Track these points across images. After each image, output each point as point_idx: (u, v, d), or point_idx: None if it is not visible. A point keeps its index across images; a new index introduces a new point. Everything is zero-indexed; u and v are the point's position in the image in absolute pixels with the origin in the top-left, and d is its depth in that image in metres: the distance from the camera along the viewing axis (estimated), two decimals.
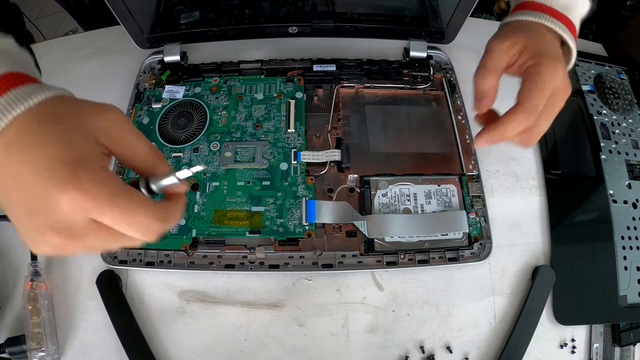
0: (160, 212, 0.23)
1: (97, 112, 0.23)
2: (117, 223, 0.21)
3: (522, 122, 0.34)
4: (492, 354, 0.40)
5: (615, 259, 0.44)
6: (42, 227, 0.21)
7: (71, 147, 0.21)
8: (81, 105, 0.23)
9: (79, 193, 0.20)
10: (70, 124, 0.22)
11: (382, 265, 0.42)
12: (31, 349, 0.38)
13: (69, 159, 0.20)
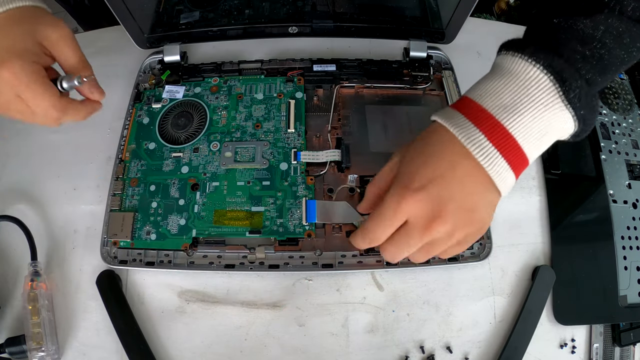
0: (62, 103, 0.31)
1: (49, 24, 0.31)
2: (29, 102, 0.30)
3: (360, 243, 0.31)
4: (492, 354, 0.40)
5: (615, 259, 0.44)
6: None
7: (17, 42, 0.29)
8: (41, 16, 0.31)
9: (9, 74, 0.29)
10: (25, 26, 0.30)
11: (382, 265, 0.42)
12: (31, 349, 0.38)
13: (12, 49, 0.29)
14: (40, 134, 0.50)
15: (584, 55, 0.26)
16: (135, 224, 0.42)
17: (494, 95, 0.27)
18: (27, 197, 0.46)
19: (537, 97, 0.26)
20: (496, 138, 0.26)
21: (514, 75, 0.26)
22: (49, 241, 0.44)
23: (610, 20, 0.25)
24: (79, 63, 0.33)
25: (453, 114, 0.28)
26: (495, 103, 0.26)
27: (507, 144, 0.26)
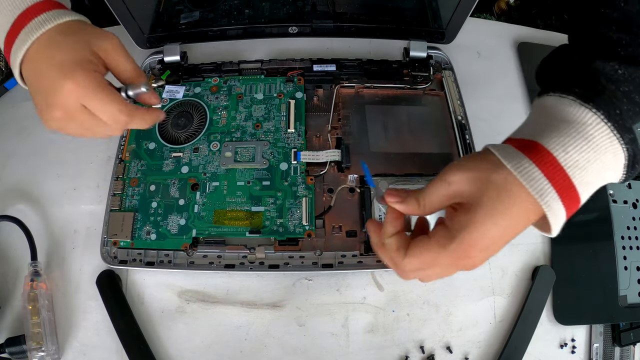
0: (129, 108, 0.31)
1: (100, 35, 0.32)
2: (96, 109, 0.30)
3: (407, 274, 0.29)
4: (492, 354, 0.40)
5: (615, 259, 0.44)
6: (51, 103, 0.30)
7: (76, 54, 0.30)
8: (90, 28, 0.32)
9: (74, 84, 0.29)
10: (79, 39, 0.31)
11: (382, 265, 0.42)
12: (31, 349, 0.38)
13: (72, 60, 0.29)
14: (40, 134, 0.50)
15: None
16: (135, 224, 0.42)
17: (569, 152, 0.25)
18: (27, 197, 0.46)
19: (606, 159, 0.26)
20: (567, 200, 0.26)
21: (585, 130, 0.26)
22: (49, 241, 0.44)
23: None
24: (134, 71, 0.33)
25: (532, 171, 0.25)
26: (569, 160, 0.25)
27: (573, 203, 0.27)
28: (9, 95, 0.52)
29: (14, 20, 0.30)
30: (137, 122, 0.32)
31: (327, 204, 0.44)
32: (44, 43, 0.30)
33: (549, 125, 0.26)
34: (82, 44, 0.31)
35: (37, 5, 0.31)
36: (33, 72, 0.31)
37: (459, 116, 0.49)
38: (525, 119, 0.30)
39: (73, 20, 0.32)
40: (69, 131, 0.32)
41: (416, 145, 0.48)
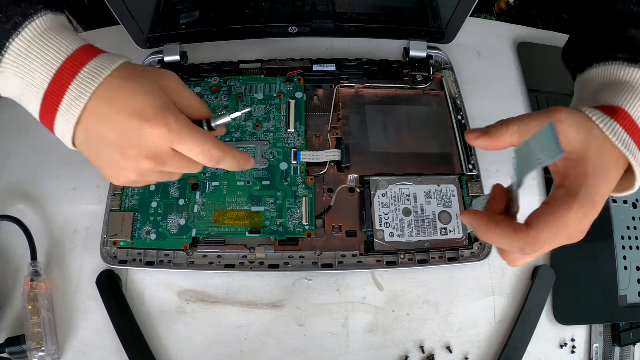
0: (221, 145, 0.30)
1: (163, 74, 0.30)
2: (191, 149, 0.28)
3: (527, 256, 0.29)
4: (492, 354, 0.40)
5: (615, 259, 0.44)
6: (137, 156, 0.28)
7: (155, 97, 0.28)
8: (149, 68, 0.30)
9: (166, 129, 0.27)
10: (148, 81, 0.29)
11: (382, 265, 0.42)
12: (31, 349, 0.38)
13: (155, 105, 0.28)
14: (40, 134, 0.50)
15: None
16: (135, 224, 0.42)
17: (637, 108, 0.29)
18: (27, 197, 0.46)
19: None
20: None
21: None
22: (49, 241, 0.44)
23: None
24: (202, 104, 0.32)
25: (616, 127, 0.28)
26: None
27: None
28: None
29: (53, 76, 0.27)
30: (229, 160, 0.30)
31: (327, 204, 0.44)
32: (106, 93, 0.27)
33: (610, 89, 0.30)
34: (154, 87, 0.29)
35: (79, 54, 0.28)
36: (98, 127, 0.28)
37: (459, 116, 0.49)
38: (577, 95, 0.34)
39: (126, 62, 0.29)
40: (150, 180, 0.30)
41: (416, 145, 0.48)
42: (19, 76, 0.28)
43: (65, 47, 0.28)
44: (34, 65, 0.27)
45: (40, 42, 0.28)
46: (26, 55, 0.27)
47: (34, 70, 0.27)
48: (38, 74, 0.27)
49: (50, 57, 0.27)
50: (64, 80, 0.27)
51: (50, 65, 0.27)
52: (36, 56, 0.27)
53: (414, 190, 0.44)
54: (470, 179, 0.45)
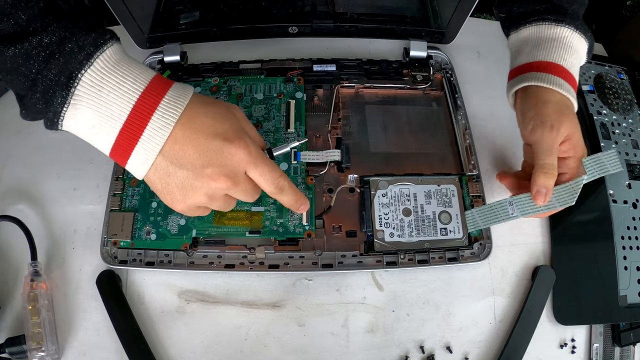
0: (285, 175, 0.32)
1: (232, 105, 0.32)
2: (263, 174, 0.30)
3: None
4: (492, 354, 0.40)
5: (615, 259, 0.44)
6: (214, 174, 0.29)
7: (234, 122, 0.30)
8: (219, 101, 0.32)
9: (246, 151, 0.29)
10: (222, 108, 0.30)
11: (382, 265, 0.42)
12: (31, 349, 0.38)
13: (235, 129, 0.29)
14: (40, 134, 0.50)
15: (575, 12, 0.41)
16: (135, 224, 0.42)
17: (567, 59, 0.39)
18: (27, 197, 0.46)
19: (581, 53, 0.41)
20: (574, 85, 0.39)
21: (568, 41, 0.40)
22: (49, 241, 0.44)
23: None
24: (260, 136, 0.34)
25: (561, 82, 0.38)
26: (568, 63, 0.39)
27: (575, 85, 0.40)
28: (9, 95, 0.52)
29: (133, 107, 0.27)
30: (290, 193, 0.32)
31: (327, 204, 0.44)
32: (186, 119, 0.28)
33: (544, 46, 0.39)
34: (229, 113, 0.30)
35: (155, 84, 0.29)
36: (177, 151, 0.28)
37: (459, 116, 0.49)
38: (516, 53, 0.42)
39: (195, 91, 0.30)
40: (215, 204, 0.31)
41: (416, 145, 0.48)
42: (92, 108, 0.27)
43: (141, 78, 0.28)
44: (111, 97, 0.27)
45: (114, 73, 0.27)
46: (100, 86, 0.27)
47: (110, 102, 0.27)
48: (115, 105, 0.27)
49: (126, 88, 0.27)
50: (144, 111, 0.28)
51: (129, 97, 0.27)
52: (112, 87, 0.27)
53: (413, 190, 0.44)
54: (470, 179, 0.45)
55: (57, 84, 0.26)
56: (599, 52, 0.59)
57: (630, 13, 0.69)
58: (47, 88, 0.27)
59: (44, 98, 0.27)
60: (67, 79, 0.26)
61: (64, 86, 0.26)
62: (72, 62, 0.26)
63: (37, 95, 0.27)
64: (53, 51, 0.26)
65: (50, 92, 0.27)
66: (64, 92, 0.27)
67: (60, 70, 0.26)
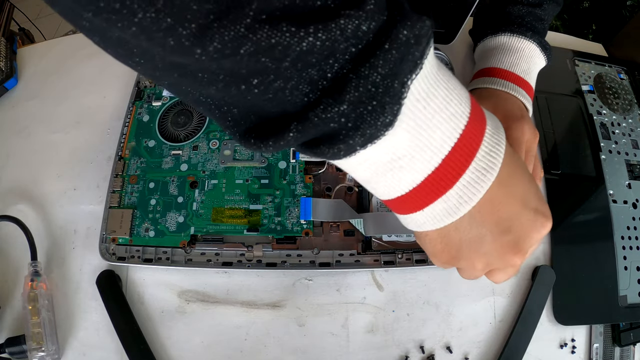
0: None
1: None
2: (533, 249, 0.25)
3: None
4: (492, 354, 0.40)
5: (615, 259, 0.43)
6: (510, 245, 0.23)
7: (538, 188, 0.24)
8: None
9: (549, 228, 0.24)
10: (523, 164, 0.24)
11: (380, 264, 0.42)
12: (31, 349, 0.38)
13: (542, 200, 0.24)
14: (40, 134, 0.50)
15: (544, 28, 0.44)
16: (134, 220, 0.42)
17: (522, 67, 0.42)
18: (27, 197, 0.46)
19: (539, 62, 0.44)
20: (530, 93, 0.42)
21: (524, 50, 0.43)
22: (49, 241, 0.44)
23: (550, 6, 0.44)
24: None
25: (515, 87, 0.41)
26: (525, 72, 0.42)
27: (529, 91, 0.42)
28: (9, 95, 0.52)
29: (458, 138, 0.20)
30: None
31: None
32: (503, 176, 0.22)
33: (503, 55, 0.43)
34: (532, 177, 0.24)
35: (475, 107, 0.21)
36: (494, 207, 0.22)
37: None
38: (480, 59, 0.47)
39: None
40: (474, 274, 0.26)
41: None
42: (410, 133, 0.19)
43: (464, 96, 0.20)
44: (436, 120, 0.19)
45: (441, 85, 0.19)
46: (425, 103, 0.19)
47: (434, 127, 0.19)
48: (439, 133, 0.19)
49: (453, 110, 0.20)
50: (470, 145, 0.20)
51: (455, 123, 0.20)
52: (438, 106, 0.19)
53: None
54: None
55: (387, 92, 0.17)
56: (599, 52, 0.59)
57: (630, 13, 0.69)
58: (365, 97, 0.17)
59: (352, 113, 0.17)
60: (401, 86, 0.18)
61: (396, 96, 0.18)
62: (407, 60, 0.17)
63: (337, 109, 0.17)
64: (379, 41, 0.17)
65: (368, 103, 0.17)
66: (396, 105, 0.18)
67: (392, 71, 0.17)
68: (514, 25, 0.43)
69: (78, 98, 0.52)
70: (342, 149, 0.18)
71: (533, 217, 0.23)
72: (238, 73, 0.16)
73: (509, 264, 0.24)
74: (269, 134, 0.18)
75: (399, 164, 0.20)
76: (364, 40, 0.17)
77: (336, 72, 0.17)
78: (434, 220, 0.22)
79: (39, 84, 0.53)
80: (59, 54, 0.57)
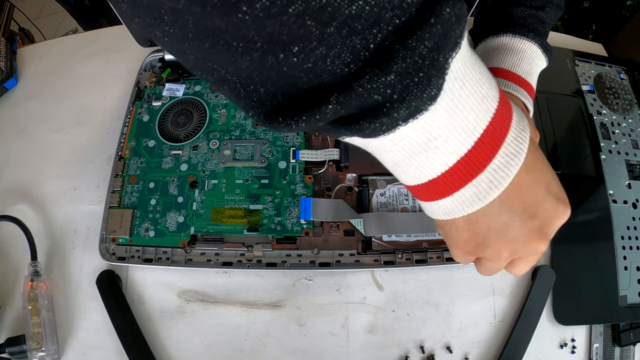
0: None
1: None
2: None
3: None
4: (492, 354, 0.40)
5: (615, 259, 0.43)
6: (540, 232, 0.24)
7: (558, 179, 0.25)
8: None
9: (569, 215, 0.25)
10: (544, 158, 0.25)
11: (380, 264, 0.42)
12: (31, 349, 0.38)
13: (562, 188, 0.25)
14: (40, 134, 0.50)
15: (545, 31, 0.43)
16: (134, 220, 0.42)
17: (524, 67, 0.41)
18: (27, 197, 0.46)
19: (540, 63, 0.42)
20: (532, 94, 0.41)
21: (525, 51, 0.41)
22: (49, 241, 0.44)
23: (552, 10, 0.42)
24: None
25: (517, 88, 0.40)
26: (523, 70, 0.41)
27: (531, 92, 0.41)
28: (9, 95, 0.52)
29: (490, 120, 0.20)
30: None
31: None
32: (528, 162, 0.22)
33: (505, 55, 0.41)
34: None
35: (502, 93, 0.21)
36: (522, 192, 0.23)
37: None
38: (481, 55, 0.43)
39: None
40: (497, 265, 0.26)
41: None
42: (448, 113, 0.19)
43: (494, 82, 0.21)
44: (470, 101, 0.19)
45: (475, 66, 0.19)
46: (462, 83, 0.19)
47: (468, 108, 0.19)
48: (473, 114, 0.19)
49: (485, 93, 0.20)
50: (500, 128, 0.21)
51: (487, 105, 0.20)
52: (473, 87, 0.19)
53: None
54: None
55: (433, 64, 0.17)
56: (599, 52, 0.59)
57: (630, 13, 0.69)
58: (412, 68, 0.17)
59: (398, 84, 0.17)
60: (444, 61, 0.17)
61: (441, 70, 0.17)
62: (449, 37, 0.17)
63: (384, 79, 0.17)
64: (423, 15, 0.16)
65: (415, 75, 0.17)
66: (440, 79, 0.18)
67: (437, 45, 0.17)
68: (516, 27, 0.42)
69: (78, 98, 0.52)
70: (385, 123, 0.18)
71: (555, 204, 0.24)
72: (278, 39, 0.15)
73: (534, 251, 0.25)
74: (302, 110, 0.18)
75: (434, 145, 0.20)
76: (407, 12, 0.16)
77: (378, 43, 0.16)
78: (464, 205, 0.22)
79: (39, 84, 0.54)
80: (59, 54, 0.57)
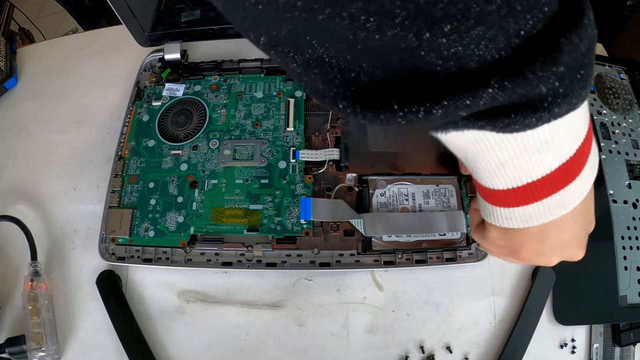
0: None
1: None
2: None
3: None
4: (492, 354, 0.40)
5: (615, 259, 0.43)
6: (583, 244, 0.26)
7: None
8: None
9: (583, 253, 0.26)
10: None
11: (380, 264, 0.42)
12: (31, 349, 0.38)
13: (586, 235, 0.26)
14: (40, 134, 0.50)
15: None
16: (133, 220, 0.42)
17: None
18: (27, 197, 0.46)
19: None
20: None
21: None
22: (49, 241, 0.44)
23: None
24: None
25: None
26: None
27: None
28: (9, 95, 0.52)
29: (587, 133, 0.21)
30: None
31: None
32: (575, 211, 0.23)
33: None
34: None
35: None
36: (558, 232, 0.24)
37: None
38: None
39: None
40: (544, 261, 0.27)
41: (415, 145, 0.48)
42: (572, 116, 0.19)
43: None
44: (582, 109, 0.19)
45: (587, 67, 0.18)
46: None
47: (579, 115, 0.19)
48: (581, 121, 0.20)
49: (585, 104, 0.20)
50: (590, 139, 0.21)
51: (586, 116, 0.20)
52: None
53: (412, 189, 0.44)
54: (469, 179, 0.45)
55: (590, 63, 0.17)
56: (599, 52, 0.59)
57: (630, 13, 0.69)
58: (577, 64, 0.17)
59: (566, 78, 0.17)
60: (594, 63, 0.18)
61: (592, 71, 0.18)
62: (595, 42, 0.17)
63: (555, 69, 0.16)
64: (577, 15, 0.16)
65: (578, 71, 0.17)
66: (592, 80, 0.18)
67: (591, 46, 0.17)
68: None
69: (78, 98, 0.52)
70: (542, 118, 0.17)
71: (591, 219, 0.25)
72: (430, 14, 0.14)
73: (575, 257, 0.26)
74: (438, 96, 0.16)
75: (548, 147, 0.19)
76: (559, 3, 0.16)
77: (527, 31, 0.16)
78: (546, 212, 0.22)
79: (39, 84, 0.53)
80: (59, 54, 0.57)
